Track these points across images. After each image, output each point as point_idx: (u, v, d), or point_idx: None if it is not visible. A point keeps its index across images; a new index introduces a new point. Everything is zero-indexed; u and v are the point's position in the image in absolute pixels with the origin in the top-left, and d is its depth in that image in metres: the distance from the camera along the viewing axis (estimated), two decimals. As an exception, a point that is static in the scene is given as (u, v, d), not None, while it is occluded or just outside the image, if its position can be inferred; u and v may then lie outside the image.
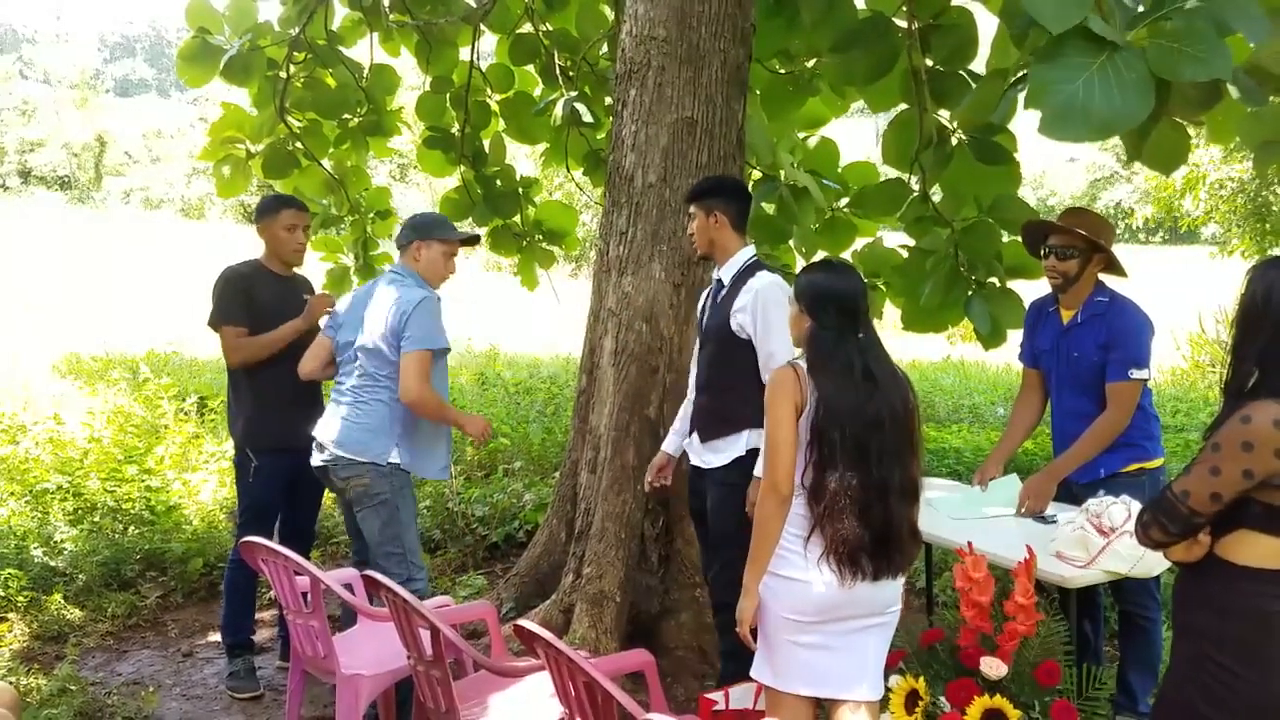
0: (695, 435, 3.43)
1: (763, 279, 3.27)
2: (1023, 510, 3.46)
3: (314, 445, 3.64)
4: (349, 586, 3.44)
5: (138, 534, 5.20)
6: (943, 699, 2.74)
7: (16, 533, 4.96)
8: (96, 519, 5.27)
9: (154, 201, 35.34)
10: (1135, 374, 3.30)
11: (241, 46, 5.50)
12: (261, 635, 4.37)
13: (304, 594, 3.20)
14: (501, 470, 6.65)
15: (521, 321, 15.45)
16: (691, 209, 3.42)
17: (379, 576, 2.89)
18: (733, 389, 3.32)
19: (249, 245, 4.21)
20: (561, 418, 7.81)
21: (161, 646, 4.43)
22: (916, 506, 2.51)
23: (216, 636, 4.38)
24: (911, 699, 2.77)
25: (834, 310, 2.50)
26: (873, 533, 2.39)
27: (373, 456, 3.51)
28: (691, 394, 3.52)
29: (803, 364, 2.50)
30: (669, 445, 3.64)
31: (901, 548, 2.45)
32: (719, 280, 3.40)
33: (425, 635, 2.80)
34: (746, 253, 3.38)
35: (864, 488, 2.39)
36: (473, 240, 3.95)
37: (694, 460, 3.45)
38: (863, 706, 2.52)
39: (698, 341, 3.53)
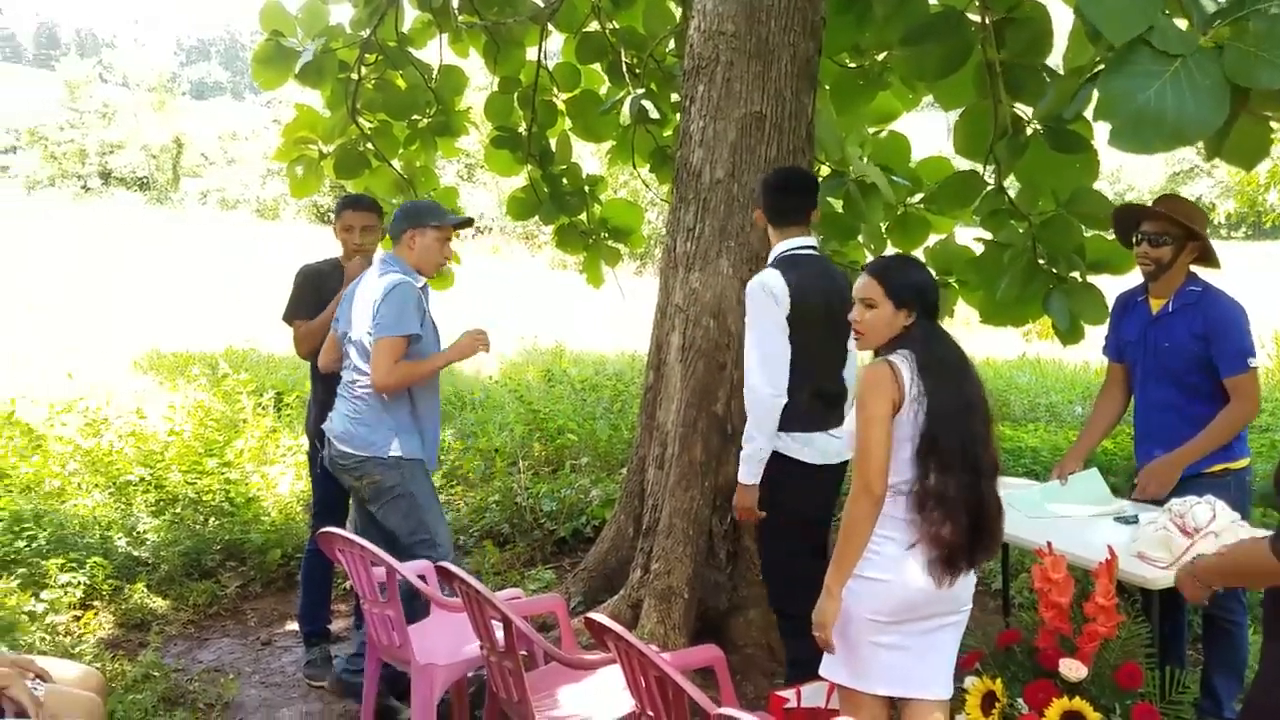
0: None
1: (753, 278, 3.30)
2: (1137, 496, 3.37)
3: (325, 441, 3.70)
4: (423, 577, 3.50)
5: (218, 525, 5.34)
6: (1020, 700, 2.70)
7: (101, 523, 5.12)
8: (178, 510, 5.42)
9: (230, 202, 36.22)
10: (1252, 362, 3.24)
11: (315, 49, 5.61)
12: (338, 625, 4.47)
13: (380, 584, 3.26)
14: (569, 466, 6.70)
15: (587, 319, 15.52)
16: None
17: (452, 568, 2.93)
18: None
19: (322, 245, 4.30)
20: (628, 414, 7.83)
21: (241, 635, 4.56)
22: (996, 481, 2.50)
23: (294, 625, 4.49)
24: (988, 700, 2.74)
25: (923, 302, 2.48)
26: (971, 523, 2.39)
27: (374, 450, 3.54)
28: None
29: (896, 359, 2.45)
30: None
31: (991, 528, 2.45)
32: None
33: (497, 627, 2.84)
34: (778, 248, 3.35)
35: (968, 484, 2.38)
36: (465, 223, 3.90)
37: None
38: (936, 705, 2.50)
39: None
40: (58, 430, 6.38)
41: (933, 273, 2.58)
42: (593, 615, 2.52)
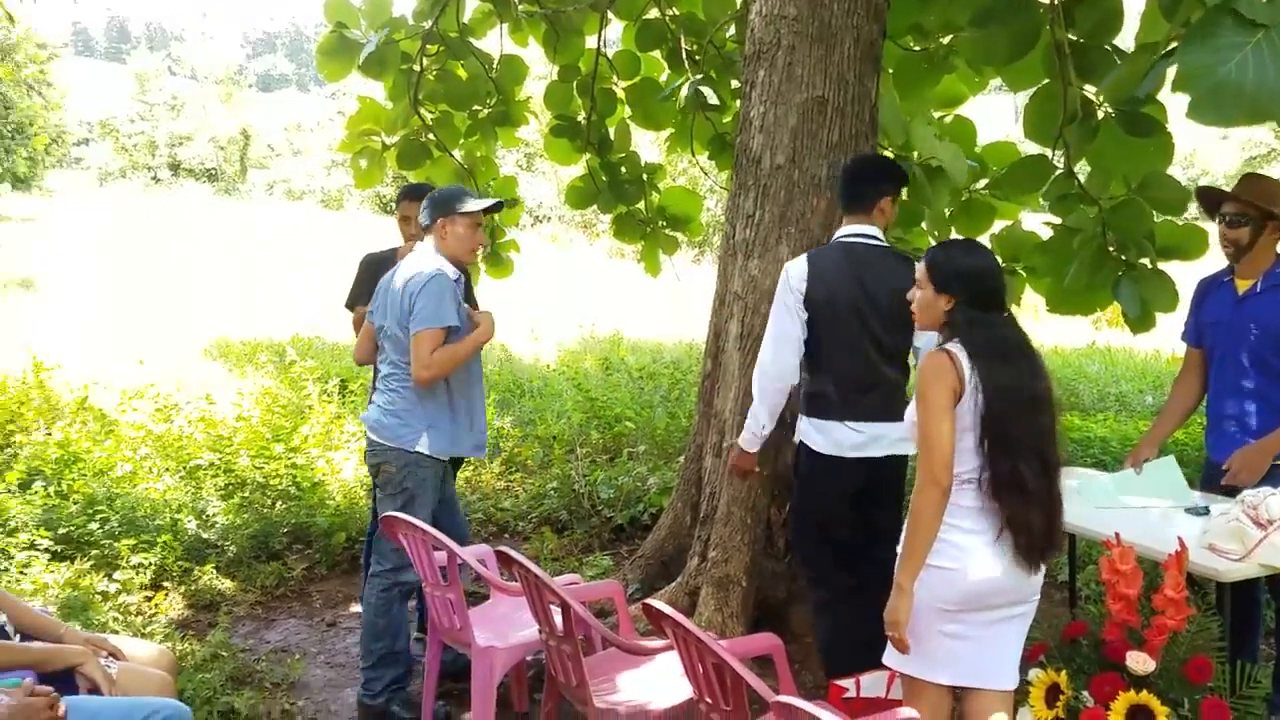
0: None
1: None
2: (1228, 482, 3.28)
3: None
4: (483, 561, 3.54)
5: (284, 509, 5.45)
6: (1085, 693, 2.65)
7: (172, 506, 5.25)
8: (246, 494, 5.55)
9: (296, 193, 36.88)
10: None
11: (377, 41, 5.67)
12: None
13: (441, 568, 3.30)
14: (626, 454, 6.72)
15: (644, 307, 15.53)
16: None
17: (512, 553, 2.95)
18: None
19: (385, 234, 4.36)
20: (685, 402, 7.83)
21: (306, 616, 4.65)
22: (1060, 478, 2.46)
23: (358, 608, 4.57)
24: (1053, 692, 2.69)
25: (984, 290, 2.42)
26: (1043, 516, 2.36)
27: (401, 443, 3.54)
28: None
29: (954, 348, 2.41)
30: None
31: (1060, 525, 2.42)
32: None
33: (556, 612, 2.86)
34: (835, 235, 3.39)
35: (1038, 472, 2.34)
36: (495, 207, 3.86)
37: None
38: (1000, 696, 2.46)
39: None
40: (130, 416, 6.57)
41: (989, 259, 2.51)
42: (651, 601, 2.52)
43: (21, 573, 4.43)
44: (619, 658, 3.10)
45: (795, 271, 3.28)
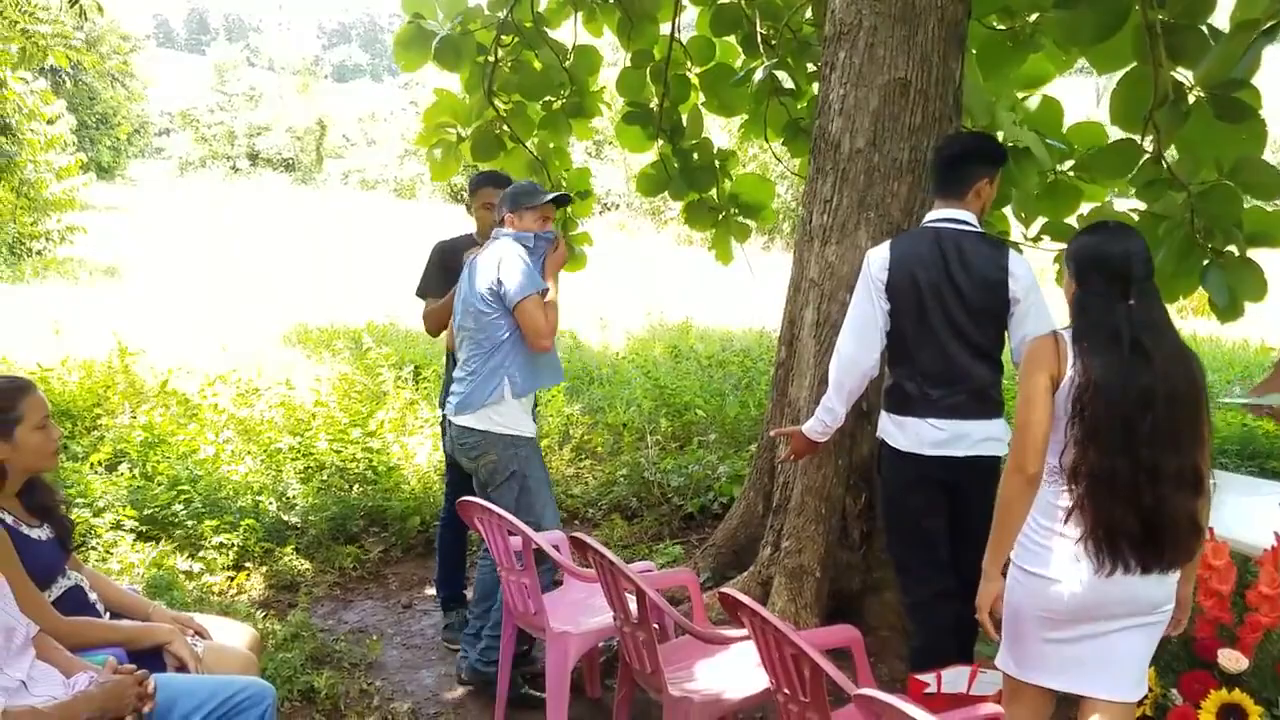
0: None
1: None
2: None
3: (445, 425, 3.75)
4: (556, 547, 3.55)
5: (361, 492, 5.54)
6: (1174, 691, 2.58)
7: (253, 488, 5.37)
8: (324, 477, 5.64)
9: (370, 182, 37.47)
10: None
11: (453, 30, 5.71)
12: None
13: (517, 553, 3.32)
14: (696, 442, 6.70)
15: (713, 294, 15.46)
16: None
17: (587, 539, 2.95)
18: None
19: (457, 223, 4.38)
20: (755, 391, 7.77)
21: (383, 598, 4.72)
22: (1199, 498, 2.24)
23: (432, 590, 4.63)
24: (1139, 690, 2.61)
25: (1101, 275, 2.27)
26: (1142, 521, 2.18)
27: (496, 424, 3.56)
28: None
29: (1064, 332, 2.32)
30: None
31: (1176, 541, 2.21)
32: None
33: (630, 599, 2.86)
34: (924, 218, 3.27)
35: (1132, 470, 2.17)
36: (561, 200, 3.89)
37: None
38: (1119, 708, 2.31)
39: None
40: (212, 400, 6.73)
41: (1117, 241, 2.31)
42: (727, 590, 2.50)
43: (109, 552, 4.57)
44: (693, 646, 3.08)
45: (877, 258, 3.14)
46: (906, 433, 3.13)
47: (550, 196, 3.75)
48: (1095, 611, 2.25)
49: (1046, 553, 2.28)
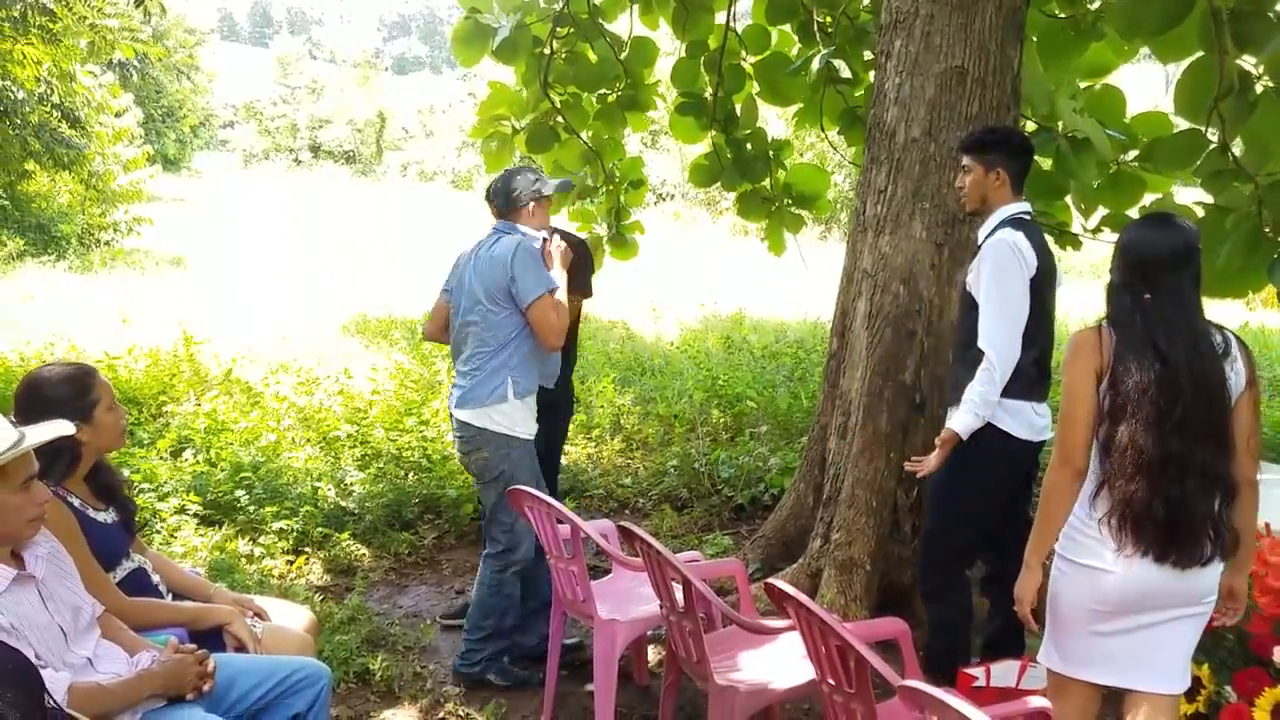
0: None
1: (997, 236, 3.10)
2: None
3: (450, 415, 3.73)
4: (605, 536, 3.58)
5: (416, 480, 5.63)
6: (1228, 688, 2.54)
7: (313, 475, 5.48)
8: (381, 465, 5.74)
9: (428, 174, 37.83)
10: None
11: (510, 25, 5.74)
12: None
13: (565, 540, 3.35)
14: (748, 433, 6.68)
15: (768, 285, 15.38)
16: (967, 161, 3.23)
17: (634, 528, 2.97)
18: (962, 358, 3.21)
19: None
20: (808, 383, 7.73)
21: (437, 584, 4.79)
22: (1222, 501, 2.22)
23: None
24: (1193, 687, 2.58)
25: (1137, 267, 2.26)
26: (1166, 508, 2.17)
27: (495, 423, 3.55)
28: None
29: (1107, 324, 2.29)
30: None
31: (1196, 537, 2.19)
32: (978, 240, 3.26)
33: (677, 588, 2.87)
34: (1006, 210, 3.18)
35: (1160, 453, 2.16)
36: (563, 188, 3.87)
37: None
38: (1165, 699, 2.31)
39: None
40: (274, 388, 6.88)
41: (1163, 235, 2.29)
42: (774, 581, 2.50)
43: (173, 536, 4.70)
44: (740, 636, 3.09)
45: (1024, 245, 3.08)
46: (1019, 419, 3.13)
47: (552, 186, 3.75)
48: (1143, 602, 2.24)
49: (1094, 543, 2.27)
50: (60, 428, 2.23)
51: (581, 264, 4.24)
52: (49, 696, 1.94)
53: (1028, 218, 3.21)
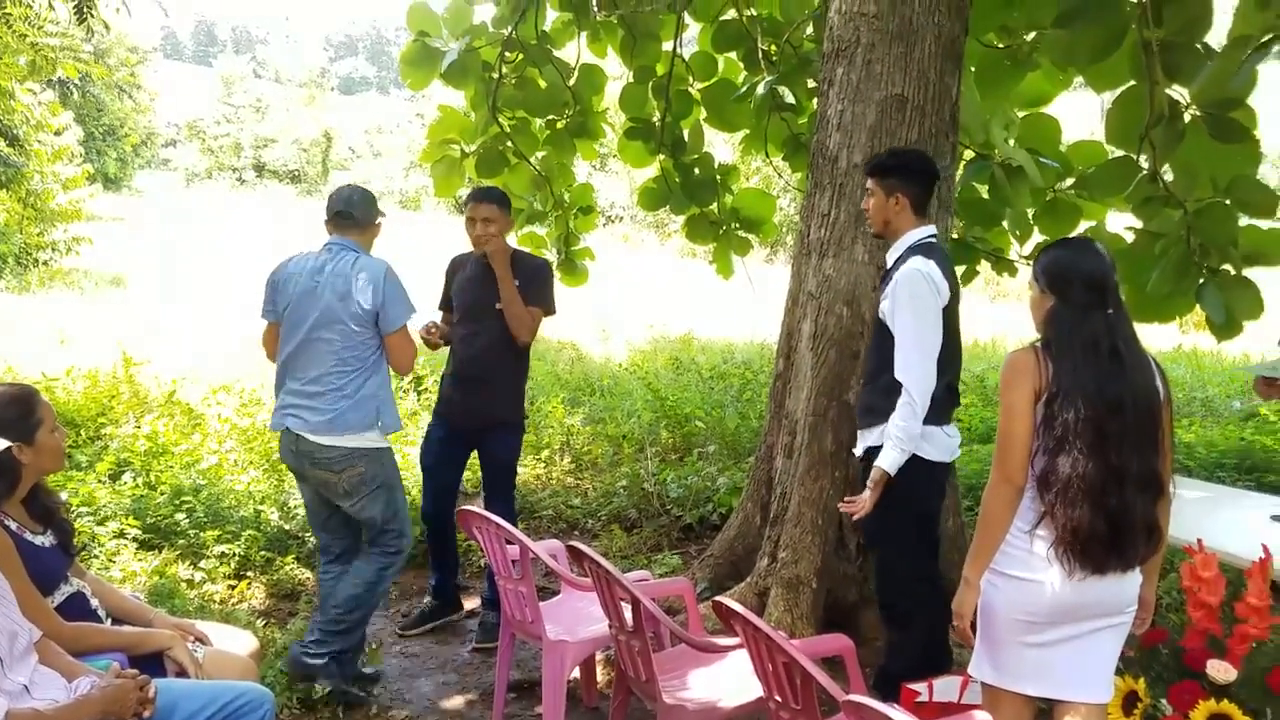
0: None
1: (908, 264, 3.12)
2: None
3: (285, 436, 3.58)
4: (554, 556, 3.59)
5: (360, 502, 5.56)
6: (1164, 702, 2.60)
7: (255, 498, 5.40)
8: (325, 487, 5.66)
9: (375, 194, 37.51)
10: None
11: (459, 49, 5.76)
12: (472, 604, 4.62)
13: (514, 561, 3.35)
14: (696, 454, 6.72)
15: (716, 307, 15.50)
16: (870, 184, 3.27)
17: (583, 548, 2.99)
18: (876, 381, 3.25)
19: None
20: (756, 403, 7.80)
21: (382, 608, 4.73)
22: (1159, 501, 2.33)
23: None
24: (1130, 700, 2.65)
25: (1079, 286, 2.33)
26: (1107, 523, 2.24)
27: (366, 441, 3.53)
28: None
29: (1043, 345, 2.36)
30: None
31: (1133, 540, 2.28)
32: (886, 264, 3.32)
33: (626, 608, 2.88)
34: (913, 235, 3.22)
35: (1100, 475, 2.24)
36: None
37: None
38: (1091, 709, 2.38)
39: None
40: (215, 410, 6.77)
41: (1089, 257, 2.38)
42: (722, 599, 2.53)
43: (111, 560, 4.60)
44: (688, 655, 3.11)
45: (937, 275, 3.10)
46: (935, 443, 3.17)
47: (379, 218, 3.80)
48: (1073, 613, 2.32)
49: (1025, 555, 2.33)
50: None
51: (546, 282, 4.30)
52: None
53: (933, 241, 3.25)
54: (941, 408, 3.17)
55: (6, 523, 2.55)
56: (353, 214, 3.65)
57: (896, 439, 3.06)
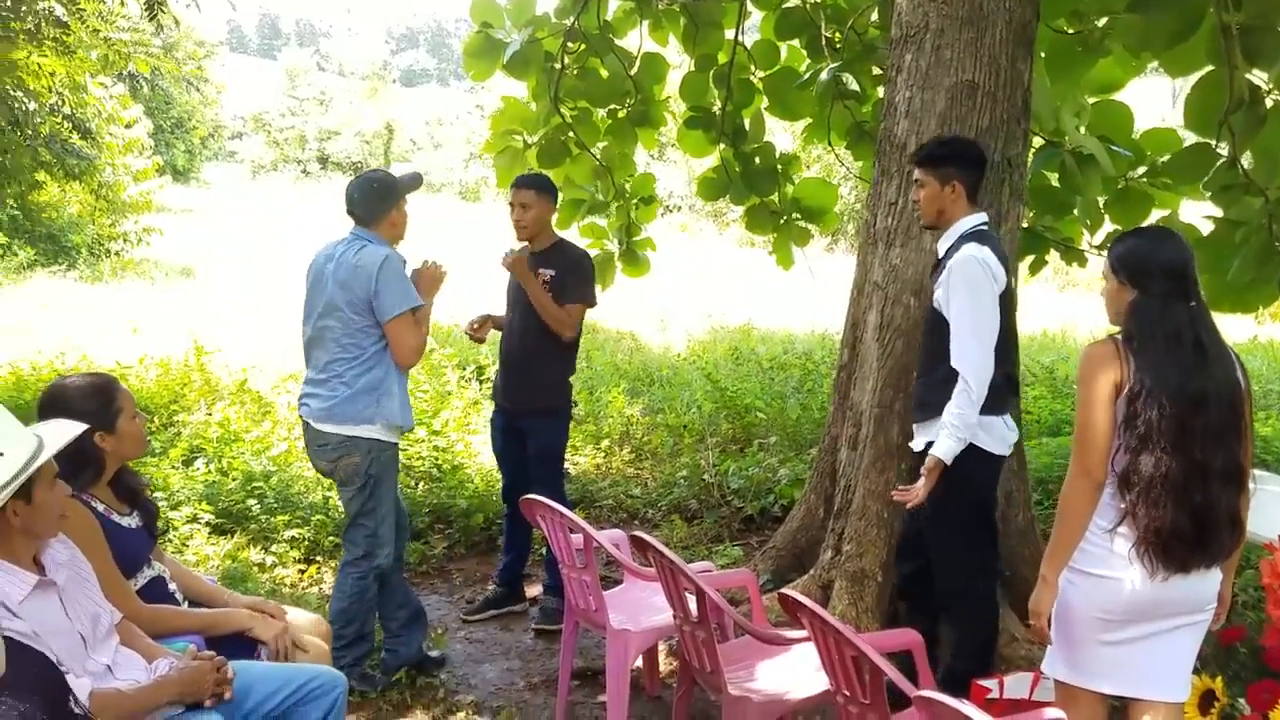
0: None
1: (963, 251, 3.09)
2: None
3: (303, 424, 3.65)
4: (617, 546, 3.60)
5: (426, 490, 5.65)
6: (1242, 701, 2.55)
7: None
8: (392, 475, 5.76)
9: (435, 186, 37.86)
10: None
11: (521, 40, 5.79)
12: (534, 590, 4.67)
13: (577, 550, 3.37)
14: (756, 444, 6.70)
15: (775, 297, 15.41)
16: (920, 175, 3.23)
17: (647, 538, 2.99)
18: (933, 372, 3.20)
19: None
20: (817, 394, 7.75)
21: (448, 593, 4.81)
22: (1241, 494, 2.29)
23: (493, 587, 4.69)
24: (1207, 699, 2.60)
25: (1160, 277, 2.29)
26: (1191, 520, 2.20)
27: (360, 426, 3.51)
28: None
29: (1123, 337, 2.31)
30: None
31: (1218, 536, 2.24)
32: (937, 253, 3.26)
33: (691, 598, 2.89)
34: (966, 223, 3.19)
35: (1184, 472, 2.20)
36: (418, 180, 3.82)
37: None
38: (1168, 708, 2.35)
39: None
40: (284, 398, 6.91)
41: (1174, 247, 2.34)
42: (788, 592, 2.52)
43: (185, 545, 4.73)
44: (752, 646, 3.10)
45: (993, 261, 3.08)
46: (993, 434, 3.14)
47: (406, 184, 3.71)
48: (1151, 611, 2.28)
49: (1103, 553, 2.30)
50: (72, 428, 2.27)
51: (585, 276, 4.30)
52: (73, 702, 1.96)
53: (986, 228, 3.22)
54: (1000, 397, 3.13)
55: (94, 504, 2.63)
56: (354, 209, 3.67)
57: (953, 427, 3.01)
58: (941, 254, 3.23)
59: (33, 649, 1.97)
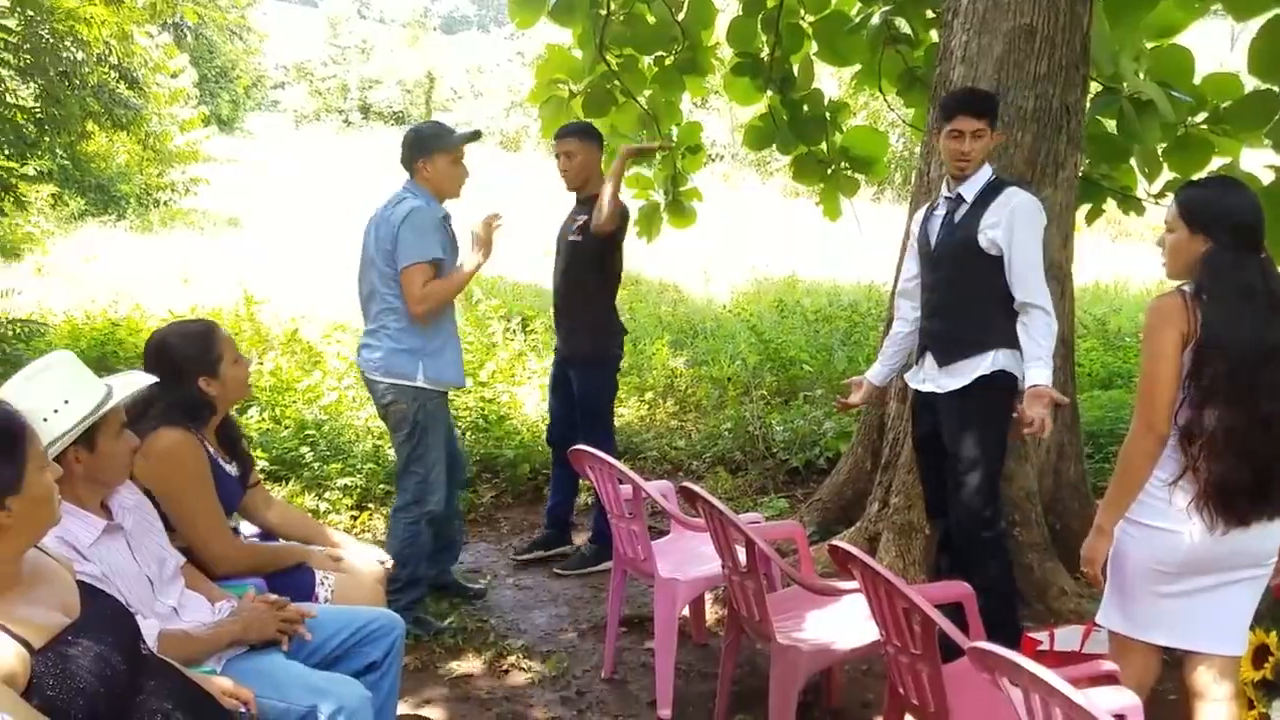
0: (926, 361, 3.34)
1: (1021, 194, 3.17)
2: None
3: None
4: (665, 496, 3.63)
5: (474, 439, 5.71)
6: (1300, 655, 2.51)
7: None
8: (439, 424, 5.83)
9: (459, 131, 37.69)
10: None
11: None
12: (581, 539, 4.72)
13: (625, 500, 3.40)
14: (802, 397, 6.68)
15: (819, 247, 15.25)
16: (979, 125, 3.18)
17: (696, 489, 3.01)
18: (973, 310, 3.21)
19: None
20: (864, 346, 7.70)
21: (495, 541, 4.89)
22: None
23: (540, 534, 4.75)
24: (1260, 654, 2.58)
25: (1230, 228, 2.25)
26: (1253, 474, 2.18)
27: (403, 378, 3.59)
28: (906, 323, 3.50)
29: (1190, 289, 2.27)
30: (875, 375, 3.60)
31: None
32: (957, 196, 3.24)
33: (739, 549, 2.90)
34: (988, 168, 3.26)
35: (1247, 425, 2.17)
36: (474, 137, 3.81)
37: (923, 387, 3.36)
38: (1223, 661, 2.34)
39: (916, 264, 3.44)
40: (334, 348, 6.99)
41: (1247, 196, 2.30)
42: (837, 543, 2.53)
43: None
44: (801, 596, 3.12)
45: (1040, 209, 3.23)
46: (1019, 367, 3.18)
47: (461, 138, 3.72)
48: (1209, 565, 2.27)
49: (1162, 506, 2.29)
50: (142, 378, 2.32)
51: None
52: (143, 643, 2.03)
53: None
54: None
55: (207, 448, 2.71)
56: (402, 160, 3.73)
57: (1048, 356, 3.07)
58: (969, 197, 3.23)
59: (104, 592, 2.03)
